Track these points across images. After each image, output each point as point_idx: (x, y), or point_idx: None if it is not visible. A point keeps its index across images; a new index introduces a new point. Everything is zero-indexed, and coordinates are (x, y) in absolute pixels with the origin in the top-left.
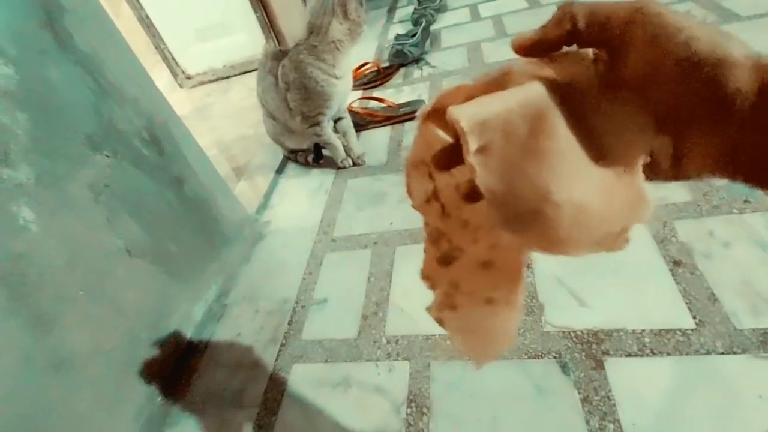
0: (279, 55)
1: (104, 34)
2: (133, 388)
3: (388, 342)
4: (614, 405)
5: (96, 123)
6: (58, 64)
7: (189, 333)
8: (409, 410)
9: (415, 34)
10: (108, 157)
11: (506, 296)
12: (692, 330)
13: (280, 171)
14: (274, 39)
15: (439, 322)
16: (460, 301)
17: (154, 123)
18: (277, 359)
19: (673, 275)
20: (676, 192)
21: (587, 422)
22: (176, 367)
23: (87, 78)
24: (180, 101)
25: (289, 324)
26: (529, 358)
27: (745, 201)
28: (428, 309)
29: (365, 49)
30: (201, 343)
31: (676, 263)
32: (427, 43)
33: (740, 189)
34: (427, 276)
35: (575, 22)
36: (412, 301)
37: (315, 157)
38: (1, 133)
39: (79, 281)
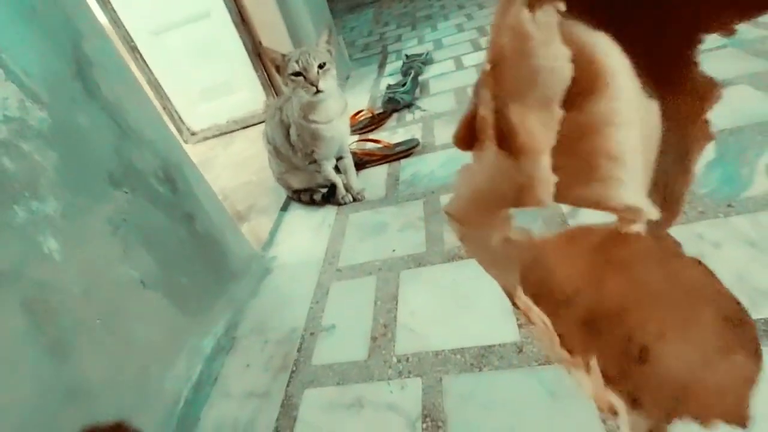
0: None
1: (126, 83)
2: (144, 421)
3: (399, 361)
4: None
5: (116, 162)
6: (86, 109)
7: (199, 366)
8: (424, 425)
9: (405, 83)
10: (126, 193)
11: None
12: None
13: (284, 210)
14: (275, 95)
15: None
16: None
17: (169, 163)
18: (288, 386)
19: None
20: None
21: (604, 422)
22: (187, 400)
23: (110, 122)
24: None
25: (298, 351)
26: (539, 365)
27: (729, 205)
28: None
29: (358, 99)
30: (211, 376)
31: None
32: (417, 90)
33: (723, 194)
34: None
35: None
36: (419, 320)
37: (326, 194)
38: (33, 169)
39: (96, 310)
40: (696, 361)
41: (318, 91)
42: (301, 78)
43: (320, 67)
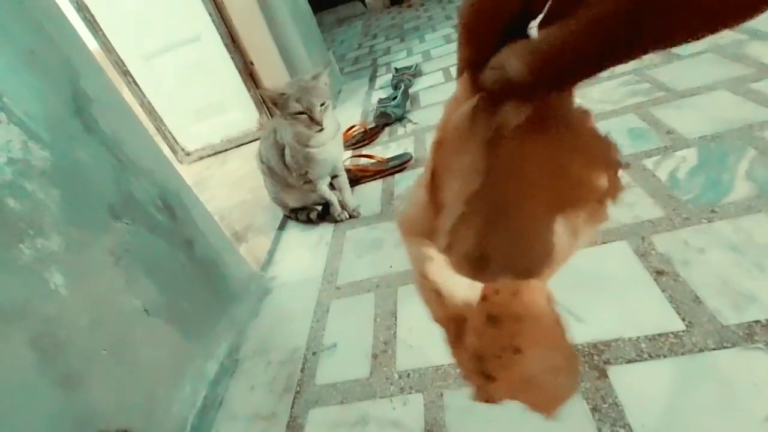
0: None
1: (123, 117)
2: None
3: (400, 377)
4: (622, 410)
5: (116, 194)
6: (86, 145)
7: (204, 390)
8: None
9: (396, 97)
10: (127, 224)
11: (528, 339)
12: (683, 331)
13: (281, 229)
14: (267, 114)
15: (490, 400)
16: (493, 368)
17: (167, 191)
18: (292, 407)
19: (657, 284)
20: (648, 210)
21: (599, 430)
22: (193, 425)
23: (109, 156)
24: None
25: (301, 371)
26: None
27: (712, 211)
28: (474, 398)
29: (350, 113)
30: (216, 400)
31: (659, 272)
32: (408, 103)
33: (706, 200)
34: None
35: None
36: (419, 336)
37: (320, 212)
38: (37, 207)
39: (102, 341)
40: None
41: (321, 129)
42: (304, 116)
43: (320, 105)
